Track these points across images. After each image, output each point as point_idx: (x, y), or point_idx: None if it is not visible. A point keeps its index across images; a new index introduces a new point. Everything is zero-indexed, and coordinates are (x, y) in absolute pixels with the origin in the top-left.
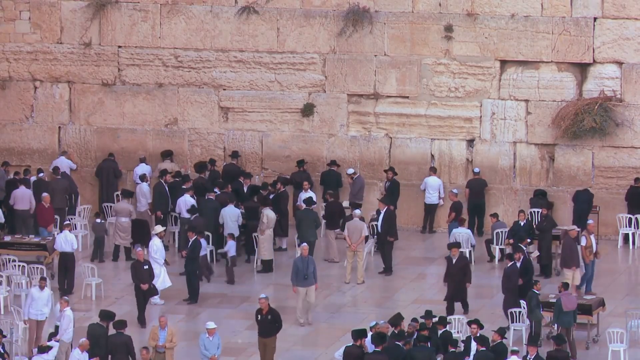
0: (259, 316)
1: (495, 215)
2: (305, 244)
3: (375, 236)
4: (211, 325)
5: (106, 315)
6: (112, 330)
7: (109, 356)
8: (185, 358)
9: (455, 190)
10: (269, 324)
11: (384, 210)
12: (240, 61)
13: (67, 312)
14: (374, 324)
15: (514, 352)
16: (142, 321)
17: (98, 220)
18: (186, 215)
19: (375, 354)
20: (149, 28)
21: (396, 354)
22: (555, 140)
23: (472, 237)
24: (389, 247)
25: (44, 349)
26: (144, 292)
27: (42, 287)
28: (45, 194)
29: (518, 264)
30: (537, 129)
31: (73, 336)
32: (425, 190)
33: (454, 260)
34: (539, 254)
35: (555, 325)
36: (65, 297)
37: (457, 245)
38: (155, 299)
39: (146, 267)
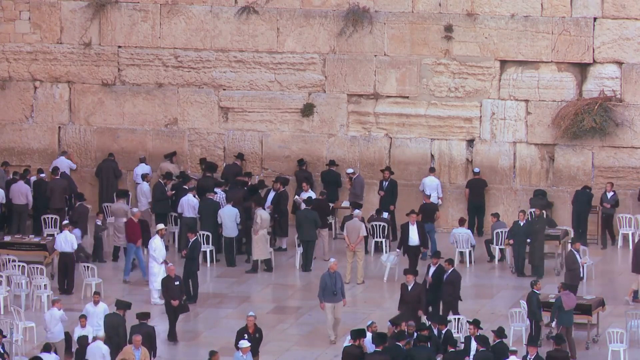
0: (246, 335)
1: (496, 215)
2: (333, 259)
3: (400, 249)
4: (245, 344)
5: (122, 304)
6: (135, 321)
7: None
8: (185, 358)
9: (428, 192)
10: (256, 342)
11: (415, 222)
12: (240, 61)
13: (53, 311)
14: (370, 323)
15: (513, 352)
16: (173, 337)
17: (98, 222)
18: (188, 215)
19: (376, 354)
20: (149, 28)
21: (396, 354)
22: (555, 140)
23: (472, 237)
24: (422, 256)
25: (48, 348)
26: (174, 308)
27: (96, 302)
28: (136, 210)
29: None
30: (537, 129)
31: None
32: (423, 190)
33: (409, 287)
34: (590, 262)
35: (554, 323)
36: (55, 298)
37: (412, 272)
38: (156, 299)
39: (177, 282)
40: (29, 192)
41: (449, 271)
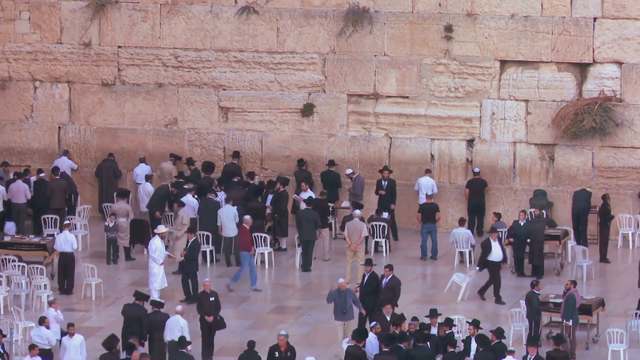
0: (277, 353)
1: (497, 215)
2: (342, 279)
3: (479, 268)
4: None
5: (141, 296)
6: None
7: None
8: None
9: (429, 192)
10: None
11: (495, 238)
12: (240, 61)
13: (49, 312)
14: (373, 324)
15: (510, 352)
16: (206, 354)
17: (109, 224)
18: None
19: (383, 355)
20: (148, 28)
21: (398, 355)
22: (555, 140)
23: (472, 237)
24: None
25: (43, 321)
26: (209, 324)
27: (71, 334)
28: (247, 217)
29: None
30: (537, 129)
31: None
32: (419, 190)
33: (387, 317)
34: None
35: (571, 321)
36: (51, 299)
37: (393, 304)
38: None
39: (212, 298)
40: (27, 191)
41: (389, 277)
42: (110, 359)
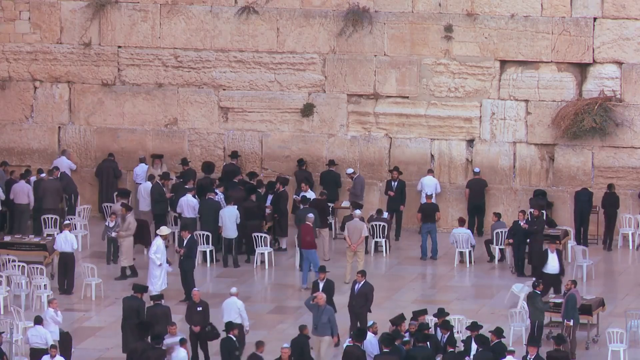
0: None
1: (497, 215)
2: (322, 293)
3: (535, 280)
4: None
5: (140, 288)
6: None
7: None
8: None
9: (432, 192)
10: None
11: (554, 250)
12: (240, 61)
13: (48, 312)
14: (371, 323)
15: (510, 352)
16: None
17: (110, 223)
18: (187, 215)
19: (384, 355)
20: (148, 28)
21: (398, 355)
22: (555, 141)
23: (472, 237)
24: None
25: (39, 320)
26: (197, 334)
27: (52, 356)
28: (311, 215)
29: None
30: (537, 129)
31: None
32: (422, 190)
33: None
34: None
35: (572, 321)
36: (50, 298)
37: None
38: None
39: (199, 308)
40: (30, 192)
41: (361, 283)
42: (142, 347)
